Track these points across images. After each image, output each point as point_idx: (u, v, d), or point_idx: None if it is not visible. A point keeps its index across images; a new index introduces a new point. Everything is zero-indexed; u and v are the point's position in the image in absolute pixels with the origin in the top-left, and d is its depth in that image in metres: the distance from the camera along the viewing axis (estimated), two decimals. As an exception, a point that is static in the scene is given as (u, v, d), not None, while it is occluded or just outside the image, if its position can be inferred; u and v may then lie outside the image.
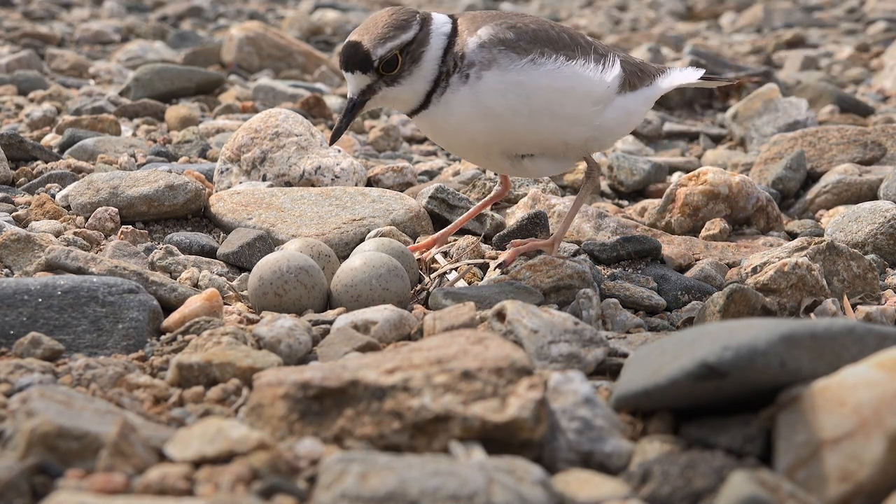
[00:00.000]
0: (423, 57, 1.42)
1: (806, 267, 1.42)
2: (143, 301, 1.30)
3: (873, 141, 2.17)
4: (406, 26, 1.41)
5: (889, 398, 0.87)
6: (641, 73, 1.59)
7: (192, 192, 1.75)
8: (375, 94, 1.43)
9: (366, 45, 1.40)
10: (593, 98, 1.48)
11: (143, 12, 5.28)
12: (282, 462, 0.91)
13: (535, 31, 1.45)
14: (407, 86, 1.43)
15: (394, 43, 1.40)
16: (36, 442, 0.91)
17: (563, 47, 1.46)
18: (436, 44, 1.43)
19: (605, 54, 1.52)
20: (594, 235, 1.71)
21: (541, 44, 1.44)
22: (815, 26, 5.28)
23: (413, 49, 1.41)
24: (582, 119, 1.48)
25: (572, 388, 1.01)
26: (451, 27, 1.45)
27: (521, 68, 1.41)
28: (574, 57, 1.46)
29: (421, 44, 1.42)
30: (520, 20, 1.48)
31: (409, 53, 1.41)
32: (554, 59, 1.44)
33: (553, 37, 1.47)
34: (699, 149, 2.56)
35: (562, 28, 1.51)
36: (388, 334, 1.28)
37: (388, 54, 1.39)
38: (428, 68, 1.42)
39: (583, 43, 1.50)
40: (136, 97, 2.79)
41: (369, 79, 1.42)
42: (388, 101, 1.46)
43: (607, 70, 1.50)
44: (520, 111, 1.43)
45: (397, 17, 1.42)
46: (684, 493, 0.89)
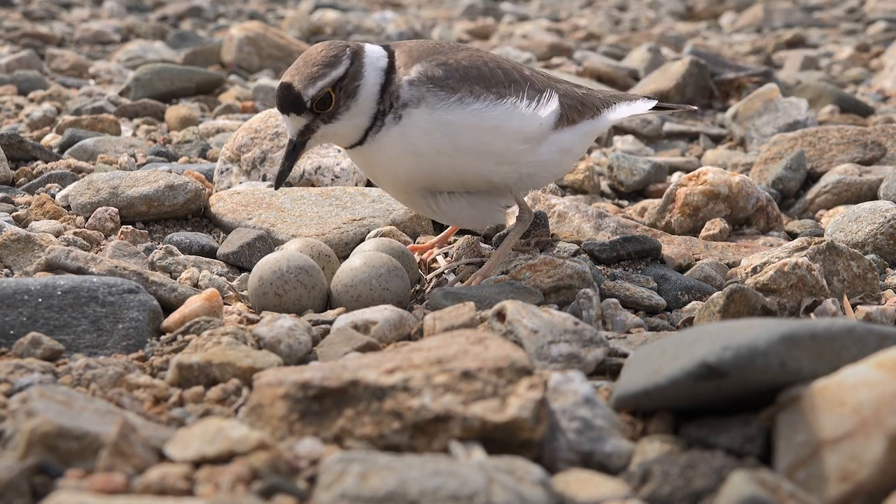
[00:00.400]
0: (359, 91, 1.40)
1: (806, 267, 1.42)
2: (143, 301, 1.30)
3: (873, 141, 2.17)
4: (335, 63, 1.39)
5: (889, 398, 0.87)
6: (583, 106, 1.57)
7: (192, 192, 1.75)
8: (315, 133, 1.41)
9: (296, 86, 1.38)
10: (524, 136, 1.46)
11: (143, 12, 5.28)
12: (282, 462, 0.91)
13: (467, 69, 1.43)
14: (346, 121, 1.41)
15: (324, 81, 1.37)
16: (36, 442, 0.91)
17: (494, 84, 1.44)
18: (371, 78, 1.41)
19: (542, 90, 1.49)
20: (594, 235, 1.71)
21: (471, 81, 1.42)
22: (815, 26, 5.28)
23: (346, 84, 1.39)
24: (511, 157, 1.46)
25: (572, 388, 1.01)
26: (387, 62, 1.43)
27: (448, 107, 1.40)
28: (505, 95, 1.44)
29: (354, 78, 1.40)
30: (453, 56, 1.46)
31: (343, 89, 1.39)
32: (483, 98, 1.42)
33: (485, 73, 1.45)
34: (699, 149, 2.56)
35: (498, 63, 1.49)
36: (388, 334, 1.28)
37: (319, 94, 1.37)
38: (365, 103, 1.41)
39: (517, 78, 1.48)
40: (136, 97, 2.79)
41: (305, 119, 1.40)
42: (329, 137, 1.44)
43: (542, 107, 1.48)
44: (444, 150, 1.41)
45: (326, 54, 1.40)
46: (684, 493, 0.89)
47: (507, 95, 1.45)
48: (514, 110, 1.45)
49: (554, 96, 1.51)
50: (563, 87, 1.57)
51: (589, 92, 1.62)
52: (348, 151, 1.49)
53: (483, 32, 4.90)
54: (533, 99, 1.47)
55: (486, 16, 5.74)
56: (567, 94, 1.55)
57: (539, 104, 1.48)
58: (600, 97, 1.64)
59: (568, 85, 1.60)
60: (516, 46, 3.87)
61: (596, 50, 4.14)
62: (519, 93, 1.46)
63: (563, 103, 1.52)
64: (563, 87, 1.57)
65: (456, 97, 1.40)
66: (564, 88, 1.57)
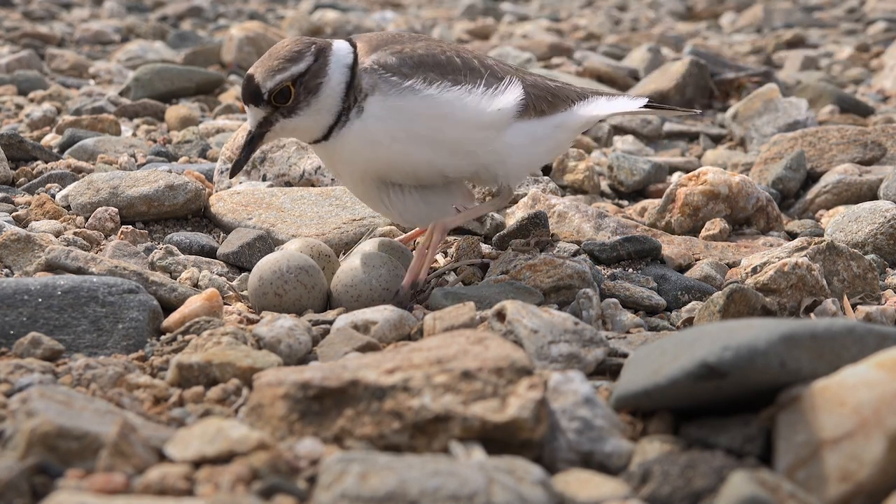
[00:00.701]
0: (322, 89, 1.39)
1: (806, 267, 1.42)
2: (143, 301, 1.30)
3: (873, 141, 2.17)
4: (298, 58, 1.39)
5: (889, 398, 0.87)
6: (554, 97, 1.53)
7: (192, 192, 1.75)
8: (273, 126, 1.41)
9: (257, 78, 1.38)
10: (479, 123, 1.44)
11: (143, 12, 5.28)
12: (282, 462, 0.91)
13: (422, 56, 1.42)
14: (306, 117, 1.41)
15: (283, 75, 1.37)
16: (36, 442, 0.91)
17: (451, 71, 1.43)
18: (336, 75, 1.40)
19: (503, 77, 1.47)
20: (594, 235, 1.71)
21: (425, 68, 1.42)
22: (815, 26, 5.28)
23: (307, 80, 1.39)
24: (467, 146, 1.44)
25: (572, 388, 1.01)
26: (352, 57, 1.43)
27: (400, 93, 1.39)
28: (460, 82, 1.43)
29: (317, 75, 1.39)
30: (410, 45, 1.45)
31: (304, 85, 1.39)
32: (437, 85, 1.41)
33: (441, 61, 1.43)
34: (699, 149, 2.56)
35: (456, 51, 1.47)
36: (388, 334, 1.28)
37: (277, 87, 1.37)
38: (328, 101, 1.40)
39: (477, 66, 1.46)
40: (136, 97, 2.79)
41: (264, 111, 1.40)
42: (288, 132, 1.43)
43: (500, 94, 1.46)
44: (398, 137, 1.41)
45: (291, 49, 1.40)
46: (684, 493, 0.89)
47: (463, 82, 1.43)
48: (468, 96, 1.43)
49: (516, 85, 1.48)
50: (531, 79, 1.54)
51: (564, 85, 1.59)
52: (312, 147, 1.48)
53: (483, 32, 4.90)
54: (491, 86, 1.46)
55: (486, 16, 5.74)
56: (536, 84, 1.53)
57: (497, 91, 1.46)
58: (577, 91, 1.60)
59: (540, 78, 1.57)
60: (516, 46, 3.87)
61: (596, 50, 4.14)
62: (476, 80, 1.44)
63: (528, 93, 1.50)
64: (531, 79, 1.54)
65: (408, 84, 1.40)
66: (534, 80, 1.54)
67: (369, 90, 1.40)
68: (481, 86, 1.44)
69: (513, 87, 1.47)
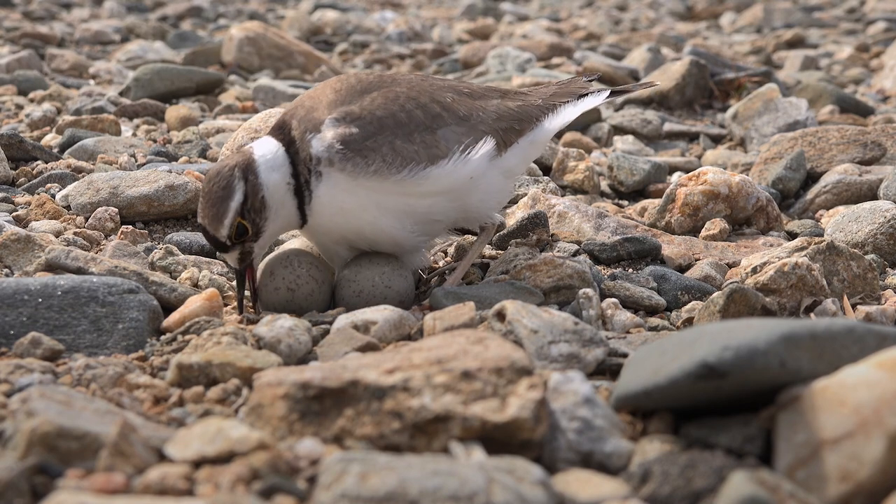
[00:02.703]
0: (267, 201, 1.37)
1: (806, 267, 1.42)
2: (143, 301, 1.30)
3: (873, 141, 2.17)
4: (230, 193, 1.35)
5: (889, 398, 0.87)
6: (520, 123, 1.50)
7: (192, 192, 1.75)
8: (253, 253, 1.39)
9: (210, 231, 1.36)
10: (450, 193, 1.42)
11: (143, 12, 5.28)
12: (282, 462, 0.91)
13: (381, 119, 1.38)
14: (272, 227, 1.39)
15: (229, 218, 1.35)
16: (36, 442, 0.91)
17: (416, 128, 1.39)
18: (273, 181, 1.37)
19: (468, 118, 1.44)
20: (594, 235, 1.71)
21: (389, 133, 1.38)
22: (815, 26, 5.28)
23: (251, 205, 1.36)
24: (439, 209, 1.43)
25: (572, 388, 1.01)
26: (283, 150, 1.39)
27: (367, 178, 1.36)
28: (430, 145, 1.39)
29: (255, 192, 1.36)
30: (366, 103, 1.40)
31: (250, 210, 1.36)
32: (405, 166, 1.37)
33: (402, 120, 1.39)
34: (699, 149, 2.56)
35: (416, 99, 1.42)
36: (388, 334, 1.28)
37: (231, 230, 1.35)
38: (279, 202, 1.38)
39: (439, 112, 1.42)
40: (136, 97, 2.79)
41: (236, 251, 1.38)
42: (268, 242, 1.42)
43: (472, 152, 1.43)
44: (367, 207, 1.39)
45: (219, 187, 1.36)
46: (684, 493, 0.89)
47: (432, 146, 1.39)
48: (441, 173, 1.40)
49: (486, 139, 1.44)
50: (493, 107, 1.49)
51: (524, 103, 1.54)
52: (301, 232, 1.47)
53: (483, 32, 4.90)
54: (460, 142, 1.42)
55: (486, 16, 5.74)
56: (500, 115, 1.48)
57: (471, 148, 1.43)
58: (539, 104, 1.55)
59: (499, 99, 1.52)
60: (516, 46, 3.87)
61: (596, 50, 4.14)
62: (446, 138, 1.41)
63: (498, 133, 1.46)
64: (493, 107, 1.49)
65: (372, 168, 1.36)
66: (496, 107, 1.49)
67: (326, 161, 1.37)
68: (452, 154, 1.41)
69: (487, 141, 1.45)
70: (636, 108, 2.80)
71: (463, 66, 3.81)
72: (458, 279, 1.49)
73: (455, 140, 1.42)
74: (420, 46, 4.31)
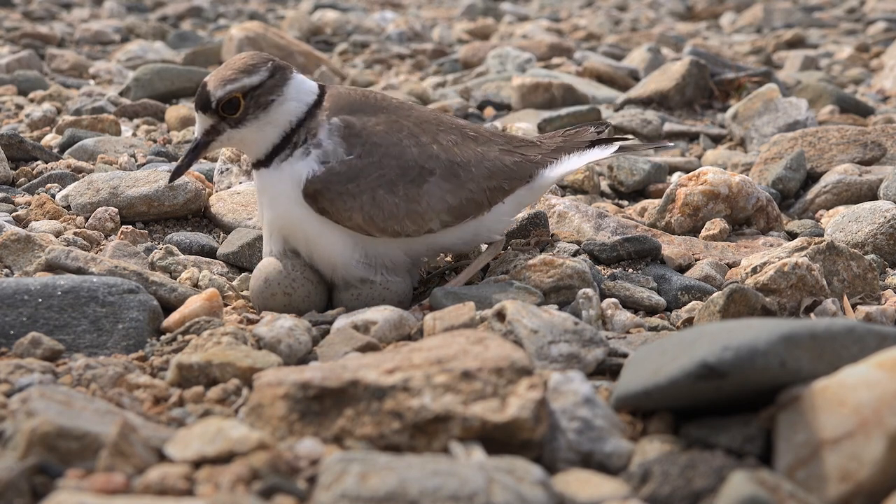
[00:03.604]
0: (272, 106, 1.38)
1: (806, 267, 1.42)
2: (143, 301, 1.30)
3: (873, 141, 2.17)
4: (253, 71, 1.38)
5: (889, 398, 0.87)
6: (511, 182, 1.48)
7: (192, 192, 1.75)
8: (220, 136, 1.40)
9: (209, 86, 1.38)
10: (438, 249, 1.48)
11: (143, 12, 5.28)
12: (282, 462, 0.91)
13: (371, 150, 1.38)
14: (252, 131, 1.39)
15: (234, 86, 1.37)
16: (36, 442, 0.91)
17: (401, 176, 1.39)
18: (290, 97, 1.39)
19: (463, 183, 1.43)
20: (594, 235, 1.71)
21: (374, 177, 1.37)
22: (815, 26, 5.28)
23: (259, 95, 1.38)
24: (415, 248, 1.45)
25: (572, 388, 1.01)
26: (315, 96, 1.41)
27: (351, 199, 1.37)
28: (412, 200, 1.39)
29: (270, 91, 1.38)
30: (371, 124, 1.40)
31: (255, 98, 1.38)
32: (375, 217, 1.38)
33: (392, 158, 1.39)
34: (699, 149, 2.56)
35: (418, 140, 1.42)
36: (388, 334, 1.28)
37: (226, 96, 1.36)
38: (277, 119, 1.39)
39: (437, 168, 1.41)
40: (136, 97, 2.79)
41: (212, 120, 1.39)
42: (234, 143, 1.42)
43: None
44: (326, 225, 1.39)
45: (246, 62, 1.39)
46: (684, 493, 0.89)
47: (413, 201, 1.39)
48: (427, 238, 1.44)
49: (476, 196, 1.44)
50: (490, 160, 1.47)
51: (523, 159, 1.51)
52: (254, 172, 1.46)
53: (483, 32, 4.90)
54: (444, 201, 1.41)
55: (486, 16, 5.74)
56: (493, 173, 1.46)
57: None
58: (536, 160, 1.52)
59: (500, 148, 1.50)
60: (516, 46, 3.87)
61: (596, 50, 4.14)
62: (430, 194, 1.40)
63: (485, 189, 1.45)
64: (490, 160, 1.47)
65: (347, 215, 1.37)
66: (492, 162, 1.47)
67: (326, 145, 1.38)
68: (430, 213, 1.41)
69: (461, 225, 1.45)
70: (636, 108, 2.80)
71: (463, 66, 3.81)
72: (460, 283, 1.49)
73: (438, 199, 1.41)
74: (420, 46, 4.31)
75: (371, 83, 3.48)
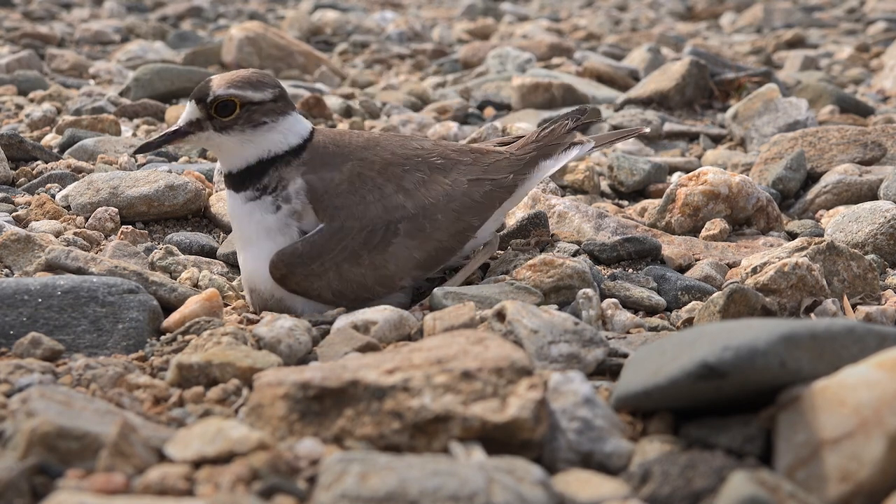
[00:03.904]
0: (262, 128, 1.38)
1: (806, 267, 1.42)
2: (142, 301, 1.30)
3: (873, 141, 2.17)
4: (259, 87, 1.38)
5: (889, 398, 0.87)
6: (481, 215, 1.48)
7: (192, 193, 1.75)
8: (201, 133, 1.39)
9: (213, 82, 1.38)
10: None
11: (143, 12, 5.29)
12: (282, 462, 0.91)
13: (336, 214, 1.37)
14: (233, 141, 1.38)
15: (236, 91, 1.36)
16: (36, 442, 0.91)
17: (365, 244, 1.38)
18: (281, 129, 1.39)
19: (429, 235, 1.41)
20: (594, 235, 1.71)
21: (338, 251, 1.37)
22: (815, 26, 5.28)
23: (255, 111, 1.37)
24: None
25: (572, 389, 1.01)
26: (302, 141, 1.41)
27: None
28: (378, 267, 1.39)
29: (265, 114, 1.38)
30: (337, 179, 1.40)
31: (250, 112, 1.37)
32: (343, 290, 1.38)
33: (356, 221, 1.38)
34: (699, 149, 2.56)
35: (382, 192, 1.40)
36: (388, 334, 1.28)
37: (225, 96, 1.36)
38: (260, 143, 1.39)
39: (401, 226, 1.40)
40: (136, 97, 2.79)
41: (200, 114, 1.38)
42: (212, 146, 1.41)
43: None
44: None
45: (257, 77, 1.39)
46: (684, 494, 0.89)
47: (380, 267, 1.39)
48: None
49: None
50: (458, 197, 1.45)
51: (493, 187, 1.49)
52: (225, 192, 1.45)
53: (483, 32, 4.90)
54: (412, 259, 1.41)
55: (486, 16, 5.74)
56: (460, 214, 1.45)
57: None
58: (508, 182, 1.51)
59: (467, 180, 1.48)
60: (516, 46, 3.87)
61: (596, 50, 4.14)
62: (396, 256, 1.40)
63: (453, 234, 1.45)
64: (458, 197, 1.45)
65: (315, 293, 1.38)
66: (460, 200, 1.45)
67: (294, 203, 1.38)
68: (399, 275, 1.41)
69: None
70: (636, 108, 2.81)
71: (463, 67, 3.81)
72: (457, 283, 1.49)
73: (406, 258, 1.40)
74: (420, 46, 4.31)
75: (371, 83, 3.48)
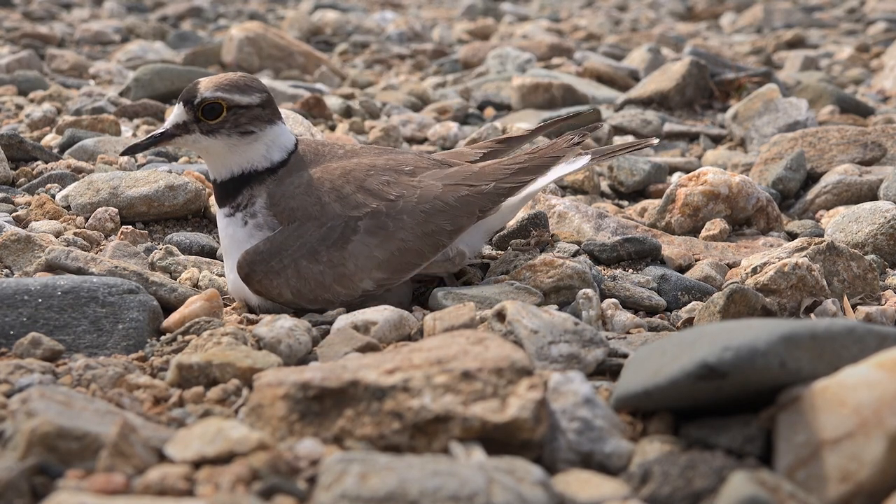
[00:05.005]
0: (248, 137, 1.38)
1: (806, 267, 1.42)
2: (143, 301, 1.30)
3: (873, 141, 2.17)
4: (247, 91, 1.38)
5: (889, 398, 0.87)
6: (454, 222, 1.40)
7: (192, 193, 1.75)
8: (188, 136, 1.39)
9: (200, 84, 1.38)
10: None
11: (143, 12, 5.29)
12: (282, 462, 0.91)
13: (291, 215, 1.37)
14: (220, 145, 1.38)
15: (223, 94, 1.36)
16: (36, 442, 0.91)
17: (323, 240, 1.36)
18: (265, 140, 1.39)
19: (392, 233, 1.37)
20: (594, 235, 1.71)
21: (296, 248, 1.36)
22: (815, 26, 5.28)
23: (241, 115, 1.37)
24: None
25: (572, 389, 1.01)
26: (286, 155, 1.41)
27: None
28: (337, 265, 1.36)
29: (252, 120, 1.38)
30: (294, 187, 1.38)
31: (236, 116, 1.37)
32: (302, 287, 1.36)
33: (313, 218, 1.36)
34: (699, 149, 2.56)
35: (340, 193, 1.38)
36: (388, 335, 1.28)
37: (212, 98, 1.36)
38: (245, 152, 1.39)
39: (360, 223, 1.36)
40: (136, 97, 2.79)
41: (187, 116, 1.38)
42: (199, 149, 1.41)
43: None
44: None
45: (245, 81, 1.39)
46: (684, 494, 0.89)
47: (338, 265, 1.36)
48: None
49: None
50: (429, 199, 1.39)
51: (470, 192, 1.41)
52: (215, 196, 1.45)
53: (483, 33, 4.90)
54: (372, 257, 1.37)
55: (486, 16, 5.75)
56: (428, 216, 1.38)
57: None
58: (488, 191, 1.42)
59: (442, 185, 1.41)
60: (516, 47, 3.87)
61: (596, 50, 4.14)
62: (355, 255, 1.36)
63: (421, 236, 1.38)
64: (429, 199, 1.39)
65: (275, 292, 1.37)
66: (431, 202, 1.39)
67: (259, 217, 1.39)
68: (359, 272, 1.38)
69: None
70: (636, 108, 2.81)
71: (463, 67, 3.81)
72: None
73: (366, 257, 1.36)
74: (420, 47, 4.31)
75: (371, 83, 3.48)
